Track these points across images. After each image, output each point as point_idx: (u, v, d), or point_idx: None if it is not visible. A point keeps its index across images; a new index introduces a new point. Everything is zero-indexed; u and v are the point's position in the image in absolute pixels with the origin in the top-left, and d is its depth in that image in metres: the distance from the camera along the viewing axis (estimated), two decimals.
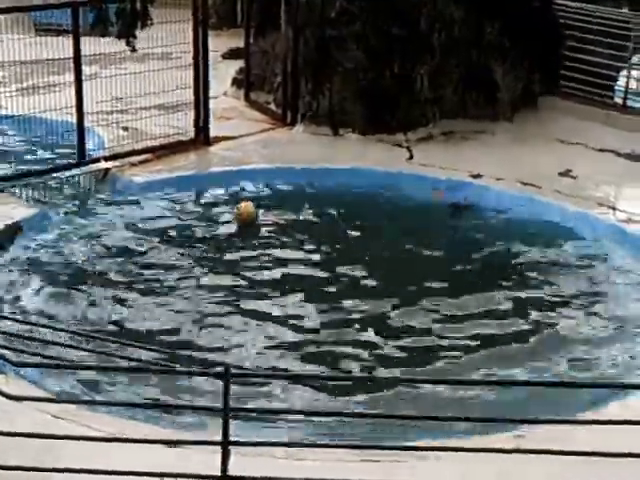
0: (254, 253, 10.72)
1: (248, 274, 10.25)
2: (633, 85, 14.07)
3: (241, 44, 15.33)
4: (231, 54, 16.67)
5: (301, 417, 7.47)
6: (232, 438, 5.38)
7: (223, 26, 18.62)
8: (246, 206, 11.49)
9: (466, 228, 11.37)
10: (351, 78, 13.57)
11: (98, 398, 7.73)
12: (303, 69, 13.88)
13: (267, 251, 10.76)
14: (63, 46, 12.65)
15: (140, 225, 11.48)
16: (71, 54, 12.28)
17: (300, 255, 10.69)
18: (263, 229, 11.35)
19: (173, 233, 11.27)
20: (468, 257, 10.62)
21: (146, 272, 10.28)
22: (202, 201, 12.23)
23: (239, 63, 15.53)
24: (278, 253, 10.71)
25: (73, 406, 7.01)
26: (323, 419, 7.38)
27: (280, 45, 14.28)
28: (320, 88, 13.75)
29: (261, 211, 11.58)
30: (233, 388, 5.41)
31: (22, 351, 8.02)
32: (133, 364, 7.84)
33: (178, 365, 7.78)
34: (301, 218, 11.62)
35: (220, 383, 5.30)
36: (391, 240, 11.02)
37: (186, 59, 13.58)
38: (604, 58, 13.92)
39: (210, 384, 7.58)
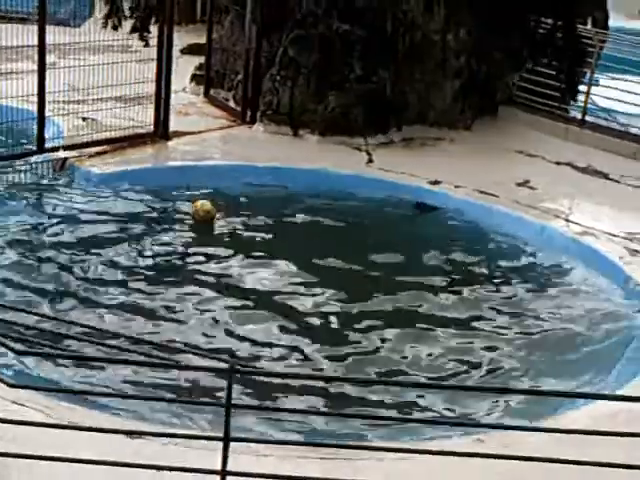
0: (208, 251, 10.67)
1: (201, 271, 10.19)
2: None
3: (199, 40, 15.29)
4: (190, 50, 16.61)
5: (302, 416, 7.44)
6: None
7: (182, 21, 18.49)
8: (203, 204, 11.44)
9: (426, 231, 11.47)
10: (313, 79, 13.58)
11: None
12: (265, 68, 13.87)
13: (222, 249, 10.71)
14: (21, 33, 12.48)
15: (96, 217, 11.39)
16: (31, 42, 12.17)
17: (256, 254, 10.64)
18: (219, 226, 11.30)
19: (128, 226, 11.19)
20: (420, 259, 10.72)
21: (96, 266, 10.17)
22: (159, 195, 12.12)
23: (198, 59, 15.50)
24: (233, 251, 10.66)
25: (37, 394, 6.91)
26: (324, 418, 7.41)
27: (242, 43, 14.25)
28: (282, 88, 13.75)
29: (217, 208, 11.52)
30: None
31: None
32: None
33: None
34: (258, 217, 11.58)
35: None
36: (348, 240, 11.08)
37: (147, 52, 13.54)
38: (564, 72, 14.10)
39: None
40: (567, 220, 11.53)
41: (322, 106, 13.56)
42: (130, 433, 5.93)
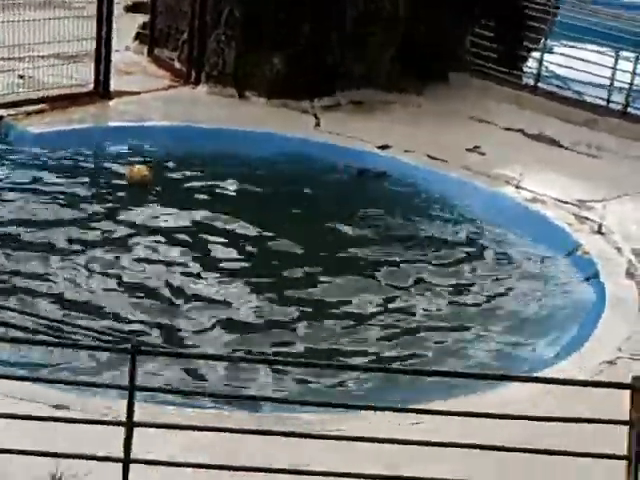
0: (142, 216, 10.27)
1: (132, 238, 9.83)
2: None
3: None
4: (134, 8, 16.08)
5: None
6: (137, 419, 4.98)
7: None
8: (139, 169, 11.02)
9: (370, 197, 11.14)
10: (261, 38, 13.17)
11: None
12: (211, 27, 13.43)
13: (156, 215, 10.33)
14: None
15: (31, 178, 10.98)
16: None
17: (190, 218, 10.28)
18: (155, 191, 10.89)
19: (63, 188, 10.77)
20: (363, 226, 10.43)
21: (28, 228, 9.79)
22: (98, 156, 11.75)
23: (142, 18, 15.00)
24: (167, 217, 10.29)
25: None
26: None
27: (187, 1, 13.80)
28: (228, 48, 13.33)
29: (154, 171, 11.09)
30: None
31: None
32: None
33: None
34: (196, 181, 11.18)
35: None
36: (289, 206, 10.77)
37: (89, 9, 13.07)
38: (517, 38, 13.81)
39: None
40: (517, 187, 11.27)
41: (268, 67, 13.15)
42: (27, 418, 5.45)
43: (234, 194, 11.03)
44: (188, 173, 11.38)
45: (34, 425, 5.56)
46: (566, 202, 10.84)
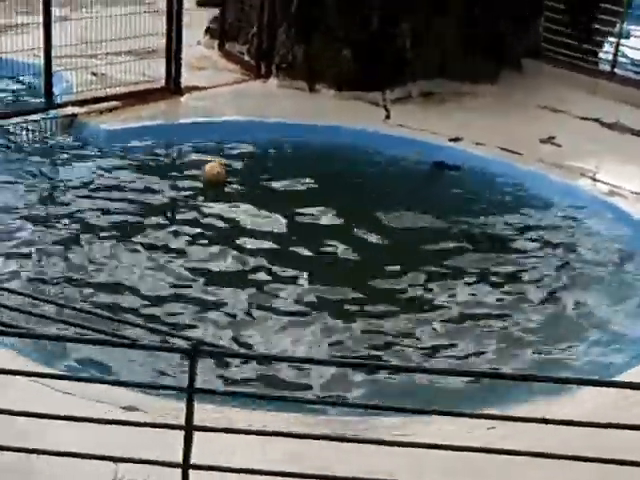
0: (219, 213, 10.23)
1: (210, 236, 9.76)
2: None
3: None
4: (206, 1, 16.08)
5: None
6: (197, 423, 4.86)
7: None
8: (212, 166, 10.97)
9: (444, 191, 11.03)
10: (331, 31, 13.06)
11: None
12: (280, 20, 13.37)
13: (233, 212, 10.27)
14: None
15: (105, 174, 11.02)
16: None
17: (269, 216, 10.17)
18: (231, 188, 10.82)
19: (136, 184, 10.80)
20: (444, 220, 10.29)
21: (106, 227, 9.82)
22: (170, 152, 11.76)
23: (213, 12, 14.99)
24: (244, 213, 10.23)
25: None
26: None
27: None
28: (297, 41, 13.25)
29: (229, 167, 11.06)
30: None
31: None
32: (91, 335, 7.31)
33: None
34: (270, 177, 11.12)
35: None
36: (369, 199, 10.67)
37: (160, 5, 13.09)
38: (592, 23, 13.50)
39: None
40: (593, 179, 11.02)
41: (337, 59, 13.04)
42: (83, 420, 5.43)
43: (308, 189, 10.91)
44: (262, 168, 11.33)
45: (96, 426, 5.45)
46: None
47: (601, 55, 14.04)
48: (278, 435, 5.42)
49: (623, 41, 13.71)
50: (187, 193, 10.72)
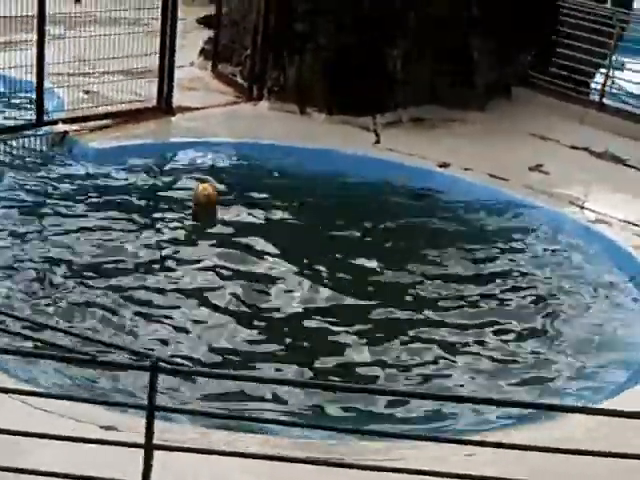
0: (209, 236, 10.20)
1: (198, 259, 9.72)
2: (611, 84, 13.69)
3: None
4: (205, 20, 16.15)
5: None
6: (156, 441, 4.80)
7: None
8: (204, 187, 10.87)
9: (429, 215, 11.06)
10: (321, 55, 13.12)
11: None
12: (273, 43, 13.43)
13: (224, 234, 10.24)
14: (31, 4, 12.11)
15: (93, 193, 11.03)
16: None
17: (257, 238, 10.14)
18: (221, 212, 10.74)
19: (126, 204, 10.79)
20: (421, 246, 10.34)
21: (89, 247, 9.79)
22: (160, 171, 11.76)
23: (210, 33, 15.05)
24: (235, 237, 10.20)
25: None
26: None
27: (250, 17, 13.81)
28: (289, 63, 13.31)
29: (218, 192, 10.97)
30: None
31: None
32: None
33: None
34: (261, 196, 11.13)
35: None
36: (352, 221, 10.69)
37: (155, 26, 13.14)
38: (582, 53, 13.56)
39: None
40: (581, 207, 11.06)
41: (327, 83, 13.09)
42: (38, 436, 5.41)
43: (300, 211, 10.93)
44: (251, 190, 11.27)
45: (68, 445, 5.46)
46: (632, 223, 10.59)
47: (592, 85, 14.08)
48: (249, 457, 5.38)
49: (617, 73, 13.75)
50: (176, 214, 10.69)
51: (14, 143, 11.88)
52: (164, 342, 8.29)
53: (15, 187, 10.95)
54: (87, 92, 13.19)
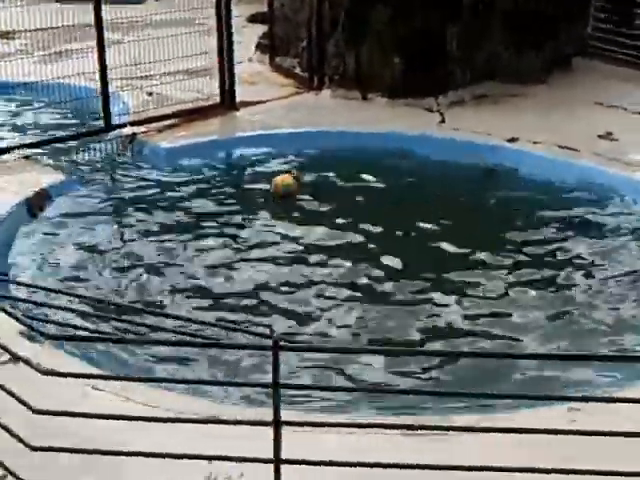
0: (289, 225, 10.36)
1: (282, 245, 9.92)
2: None
3: (264, 8, 14.97)
4: (255, 18, 16.33)
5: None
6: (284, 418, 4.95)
7: None
8: (283, 178, 11.05)
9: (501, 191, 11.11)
10: (380, 39, 13.20)
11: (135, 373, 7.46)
12: (330, 31, 13.53)
13: (304, 223, 10.39)
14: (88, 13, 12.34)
15: (168, 193, 11.21)
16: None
17: (337, 225, 10.28)
18: (298, 201, 10.88)
19: (203, 201, 10.97)
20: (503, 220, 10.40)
21: (171, 243, 9.98)
22: (233, 166, 11.95)
23: (263, 28, 15.22)
24: (315, 224, 10.34)
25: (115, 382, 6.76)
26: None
27: (303, 10, 13.92)
28: (347, 50, 13.41)
29: (298, 183, 11.08)
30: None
31: (58, 323, 7.73)
32: (172, 337, 7.52)
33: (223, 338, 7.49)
34: (336, 184, 11.27)
35: None
36: (427, 203, 10.79)
37: (210, 25, 13.32)
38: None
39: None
40: None
41: (388, 67, 13.19)
42: (174, 421, 5.60)
43: (373, 195, 11.03)
44: (327, 179, 11.42)
45: (188, 428, 5.64)
46: None
47: None
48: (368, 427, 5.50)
49: None
50: (255, 205, 10.85)
51: (86, 148, 12.09)
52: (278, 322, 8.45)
53: (91, 192, 11.15)
54: (150, 94, 13.42)
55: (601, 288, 9.00)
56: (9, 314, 5.57)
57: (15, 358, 5.55)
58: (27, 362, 5.37)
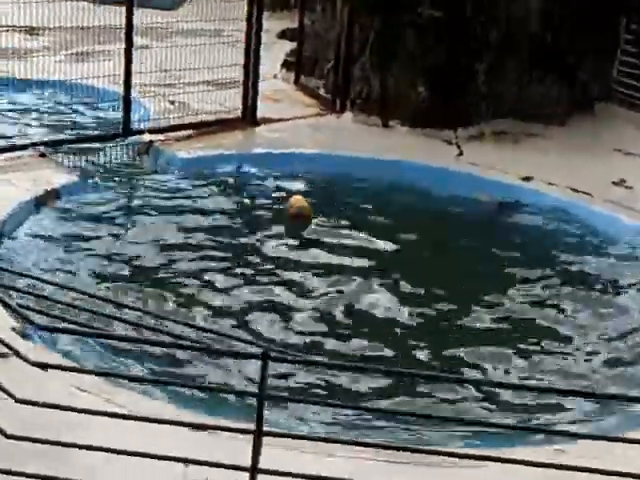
0: (301, 245, 10.38)
1: (291, 265, 9.93)
2: None
3: (295, 25, 15.04)
4: (284, 34, 16.39)
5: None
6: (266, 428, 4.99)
7: (276, 7, 18.22)
8: (297, 199, 11.02)
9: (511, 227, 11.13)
10: (407, 65, 13.22)
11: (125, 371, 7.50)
12: (358, 54, 13.56)
13: (320, 244, 10.41)
14: (120, 15, 12.40)
15: (179, 202, 11.24)
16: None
17: (348, 249, 10.30)
18: (315, 222, 10.88)
19: (212, 213, 10.99)
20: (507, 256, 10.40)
21: (179, 252, 10.02)
22: (248, 182, 11.94)
23: (292, 45, 15.27)
24: (326, 246, 10.37)
25: (99, 379, 6.79)
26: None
27: (334, 29, 13.97)
28: (373, 76, 13.43)
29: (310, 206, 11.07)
30: None
31: (53, 316, 7.80)
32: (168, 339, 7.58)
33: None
34: (347, 210, 11.29)
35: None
36: (439, 237, 10.81)
37: (238, 37, 13.38)
38: None
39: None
40: None
41: (412, 96, 13.21)
42: (155, 421, 5.59)
43: (385, 224, 11.07)
44: (339, 202, 11.46)
45: (166, 429, 5.65)
46: None
47: None
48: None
49: None
50: (264, 223, 10.87)
51: (102, 152, 12.15)
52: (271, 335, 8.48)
53: (103, 196, 11.20)
54: (172, 102, 13.48)
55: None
56: (5, 304, 5.61)
57: (8, 348, 5.57)
58: (17, 353, 5.41)
